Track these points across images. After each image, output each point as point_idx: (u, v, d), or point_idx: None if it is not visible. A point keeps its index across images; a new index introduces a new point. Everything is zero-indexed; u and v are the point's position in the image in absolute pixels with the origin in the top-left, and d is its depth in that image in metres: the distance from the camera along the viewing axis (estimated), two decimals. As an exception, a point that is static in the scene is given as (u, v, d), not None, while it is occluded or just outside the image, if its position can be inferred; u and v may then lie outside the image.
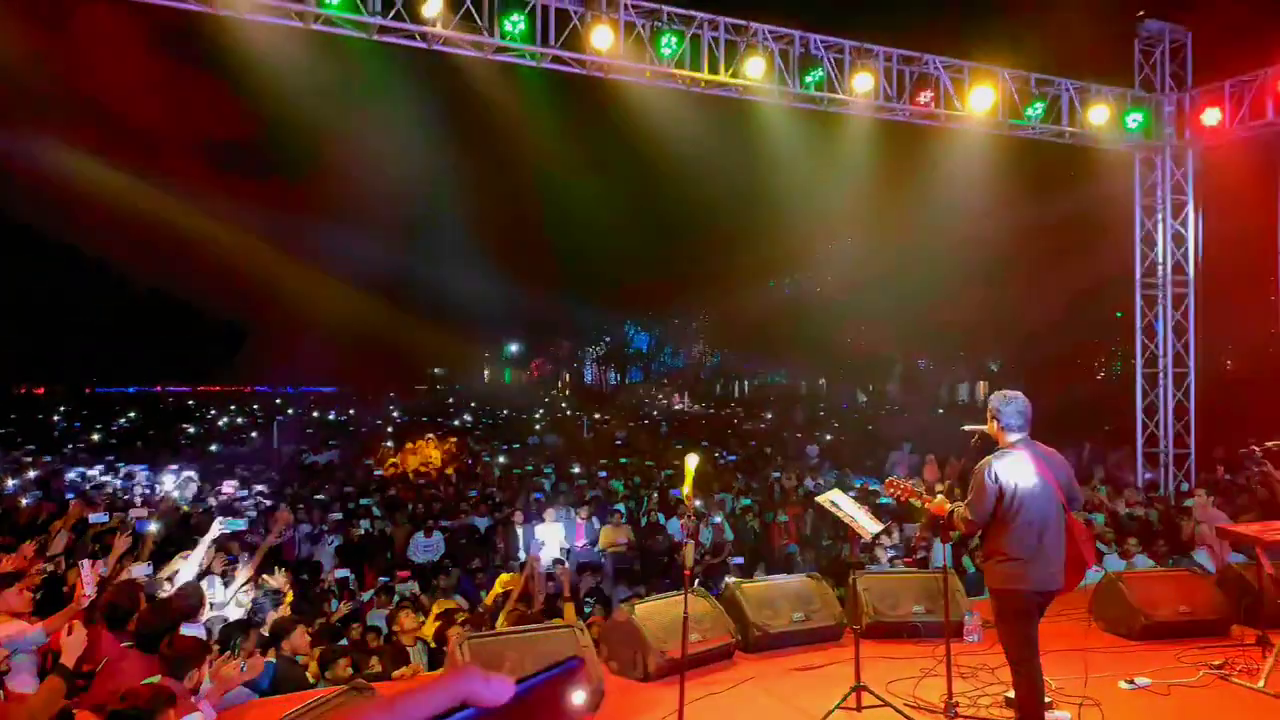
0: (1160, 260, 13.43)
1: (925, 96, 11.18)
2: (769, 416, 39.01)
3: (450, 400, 52.77)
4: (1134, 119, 12.29)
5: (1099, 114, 12.08)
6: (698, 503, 14.17)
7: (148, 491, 15.94)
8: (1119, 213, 14.18)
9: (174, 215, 36.04)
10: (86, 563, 5.36)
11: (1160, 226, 13.37)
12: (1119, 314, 20.62)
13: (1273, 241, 12.56)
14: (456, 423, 37.46)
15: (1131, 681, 5.87)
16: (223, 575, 8.03)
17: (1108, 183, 14.46)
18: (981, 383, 44.31)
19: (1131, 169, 13.51)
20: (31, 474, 16.84)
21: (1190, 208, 13.27)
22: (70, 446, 24.99)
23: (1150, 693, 5.71)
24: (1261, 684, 5.75)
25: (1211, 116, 12.18)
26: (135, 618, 5.12)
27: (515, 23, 9.14)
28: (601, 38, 9.33)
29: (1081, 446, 18.65)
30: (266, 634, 6.98)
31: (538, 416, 40.50)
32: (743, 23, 10.36)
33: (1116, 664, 6.16)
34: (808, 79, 10.54)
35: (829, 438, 28.24)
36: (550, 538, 12.49)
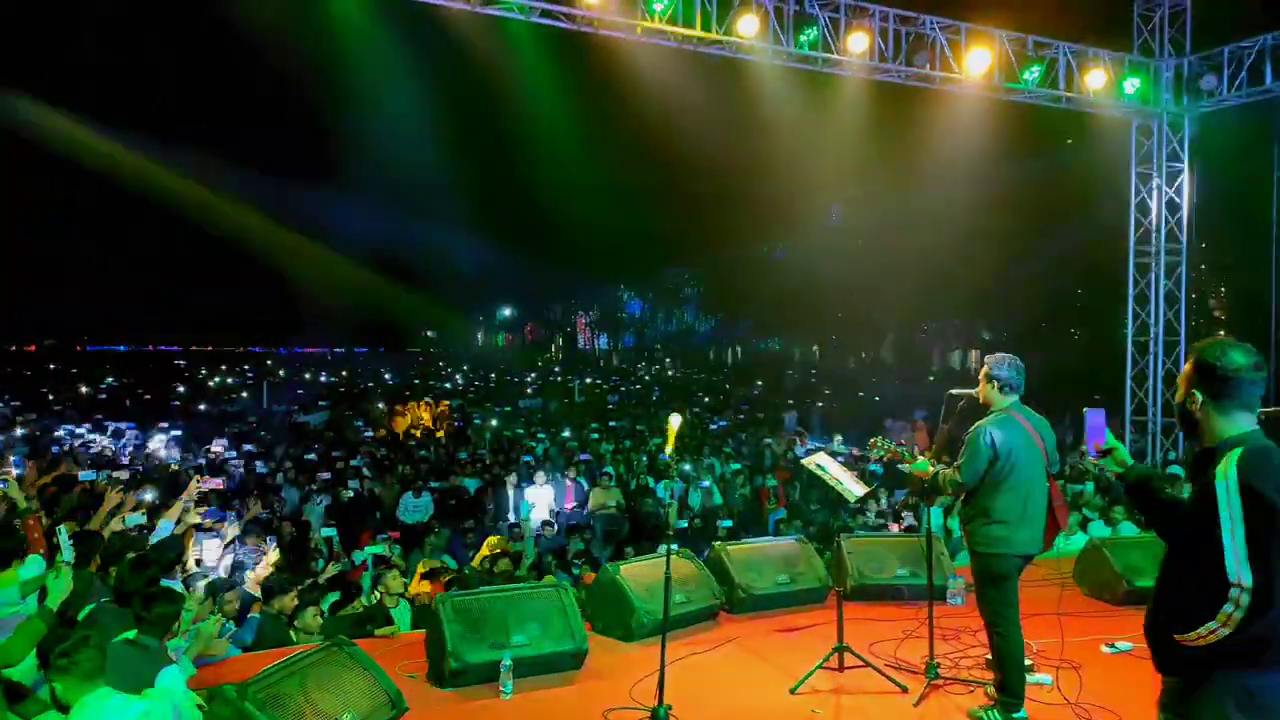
0: (1154, 228, 13.36)
1: (921, 58, 11.01)
2: (759, 383, 39.07)
3: (442, 363, 52.71)
4: (1131, 84, 12.15)
5: (1096, 78, 11.93)
6: (686, 466, 14.23)
7: (135, 450, 15.88)
8: (1114, 179, 14.08)
9: (160, 177, 35.61)
10: (63, 527, 5.32)
11: (1155, 193, 13.29)
12: (1112, 282, 20.57)
13: (1268, 208, 12.50)
14: (449, 385, 37.46)
15: (1113, 645, 5.92)
16: (208, 532, 8.02)
17: (1103, 148, 14.34)
18: (974, 350, 44.42)
19: (1128, 134, 13.40)
20: (18, 432, 16.77)
21: (1185, 175, 13.17)
22: (59, 405, 24.89)
23: (1131, 657, 5.75)
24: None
25: (1209, 82, 12.05)
26: (115, 574, 5.10)
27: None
28: (592, -8, 9.15)
29: (1063, 416, 18.74)
30: (255, 592, 6.99)
31: (529, 380, 40.51)
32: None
33: (1098, 628, 6.20)
34: (802, 38, 10.36)
35: (820, 404, 28.31)
36: (540, 500, 12.53)
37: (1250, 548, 2.50)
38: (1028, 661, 4.84)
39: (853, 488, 5.73)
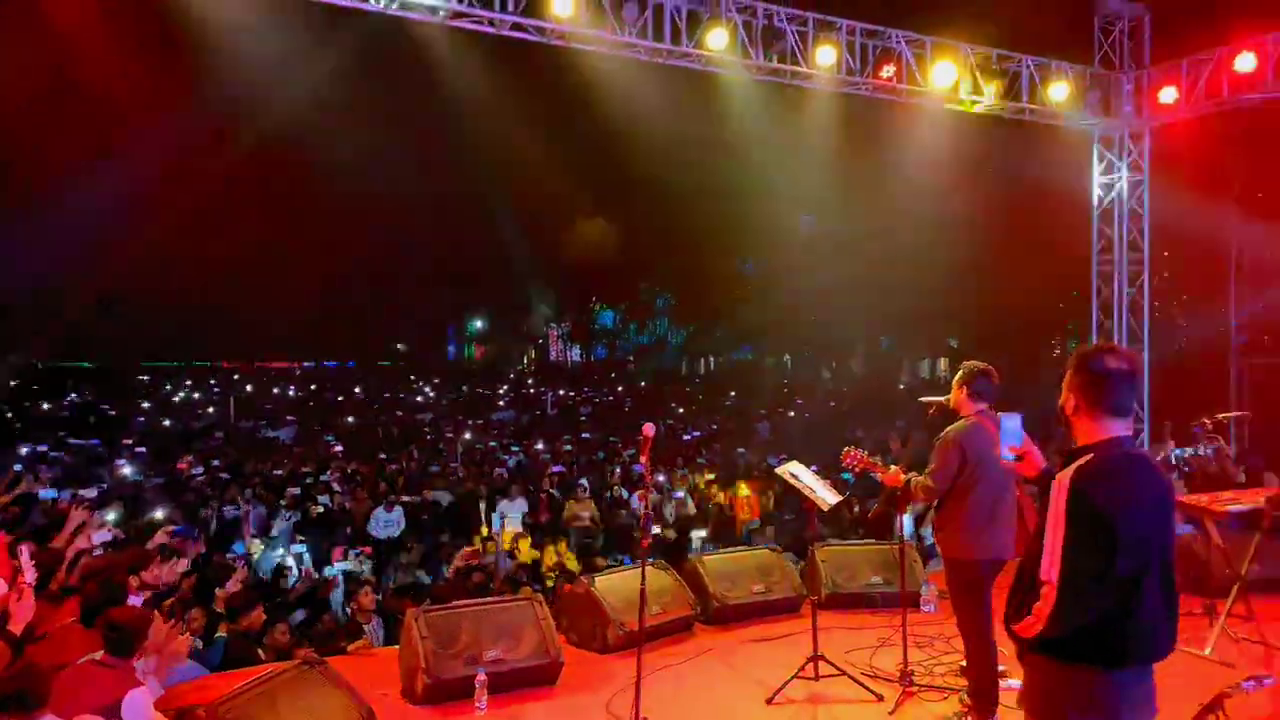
0: (1116, 237, 13.60)
1: (888, 71, 11.14)
2: (732, 394, 39.19)
3: (412, 375, 52.35)
4: (1092, 96, 12.38)
5: (1059, 90, 12.13)
6: (660, 477, 14.23)
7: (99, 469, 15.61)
8: (1076, 190, 14.32)
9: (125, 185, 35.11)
10: (24, 548, 5.21)
11: (1117, 203, 13.53)
12: (1075, 292, 20.91)
13: (1226, 217, 12.76)
14: (419, 398, 37.20)
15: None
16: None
17: (1066, 159, 14.59)
18: (942, 359, 44.88)
19: (1089, 145, 13.64)
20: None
21: (1146, 185, 13.43)
22: (18, 424, 24.39)
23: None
24: (1208, 650, 5.89)
25: (1168, 94, 12.30)
26: (80, 592, 5.00)
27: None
28: (562, 5, 9.15)
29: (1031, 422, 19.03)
30: (220, 610, 6.87)
31: (502, 392, 40.33)
32: (706, -8, 10.22)
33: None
34: (771, 51, 10.45)
35: (791, 414, 28.46)
36: (513, 512, 12.47)
37: (1065, 549, 2.62)
38: (1001, 667, 4.89)
39: (825, 495, 5.76)
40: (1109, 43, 12.91)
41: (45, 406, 29.03)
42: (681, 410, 30.81)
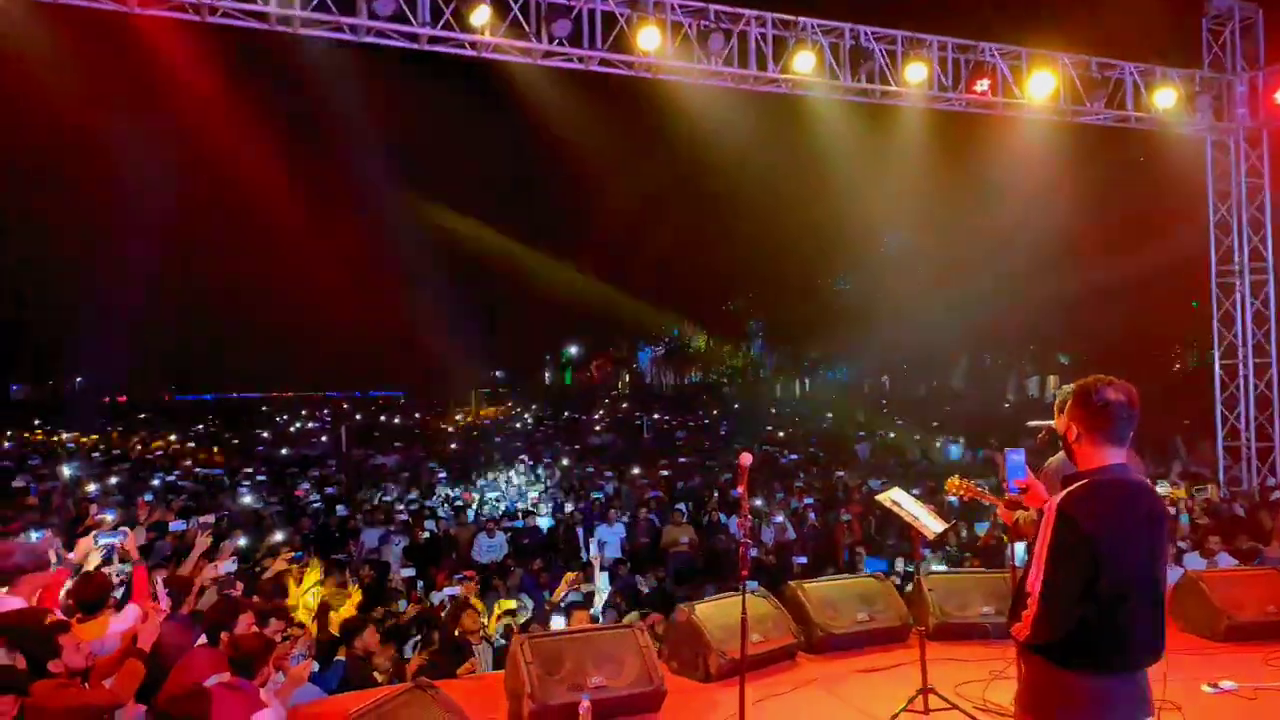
0: (1236, 246, 12.92)
1: (982, 85, 10.94)
2: (829, 415, 38.58)
3: (510, 402, 53.39)
4: (1203, 101, 11.85)
5: (1165, 97, 11.67)
6: (758, 501, 14.12)
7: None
8: (1192, 198, 13.68)
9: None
10: (158, 574, 5.56)
11: (1235, 211, 12.86)
12: (1194, 303, 19.88)
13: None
14: (518, 425, 37.90)
15: (1215, 685, 5.65)
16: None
17: (1179, 167, 13.96)
18: (1052, 376, 43.11)
19: (1203, 152, 13.03)
20: (113, 480, 17.53)
21: (1267, 191, 12.73)
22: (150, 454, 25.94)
23: (1236, 696, 5.49)
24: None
25: (1288, 95, 11.68)
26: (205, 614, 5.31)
27: (562, 27, 9.21)
28: (648, 39, 9.34)
29: (1172, 439, 18.23)
30: (338, 633, 7.16)
31: (598, 418, 40.72)
32: (790, 18, 10.27)
33: (1198, 666, 5.92)
34: (860, 71, 10.40)
35: (892, 435, 27.83)
36: (612, 538, 12.57)
37: (1048, 564, 2.95)
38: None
39: (930, 524, 5.63)
40: (1219, 44, 12.36)
41: (173, 438, 30.76)
42: (781, 434, 30.48)
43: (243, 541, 9.66)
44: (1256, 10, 12.34)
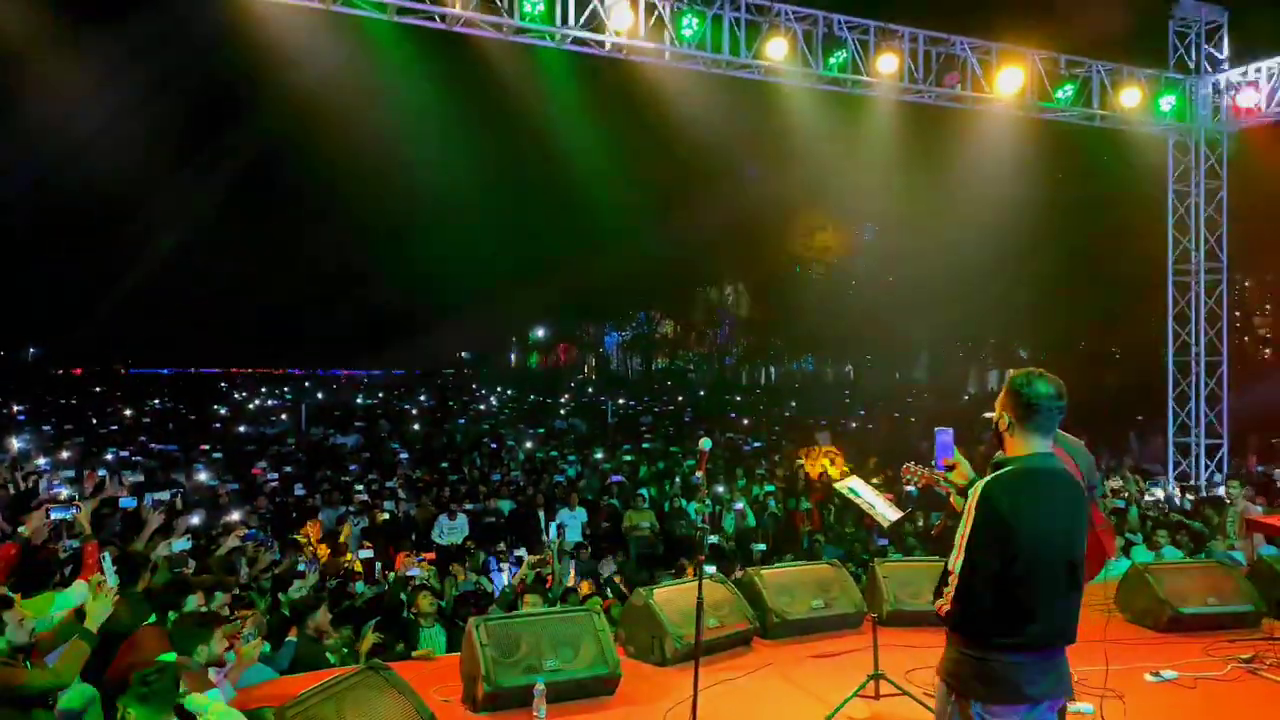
0: (1193, 246, 13.16)
1: (952, 79, 10.99)
2: (794, 404, 38.84)
3: (475, 384, 53.09)
4: (1166, 101, 12.02)
5: (1131, 96, 11.82)
6: (719, 488, 14.18)
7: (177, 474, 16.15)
8: (1151, 197, 13.91)
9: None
10: (104, 553, 5.44)
11: (1193, 211, 13.09)
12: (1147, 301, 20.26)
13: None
14: (481, 406, 37.69)
15: (1157, 674, 5.78)
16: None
17: (1140, 166, 14.18)
18: (1011, 370, 43.69)
19: (1164, 152, 13.24)
20: (64, 454, 17.15)
21: (1225, 192, 12.97)
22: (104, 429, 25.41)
23: (1176, 686, 5.62)
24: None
25: (1248, 98, 11.88)
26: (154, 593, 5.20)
27: (535, 4, 9.09)
28: (621, 18, 9.26)
29: (1126, 435, 18.60)
30: (287, 613, 7.07)
31: (562, 402, 40.61)
32: (765, 3, 10.24)
33: (1142, 656, 6.05)
34: (831, 60, 10.40)
35: (854, 425, 28.09)
36: (573, 522, 12.55)
37: (968, 546, 3.09)
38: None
39: (886, 512, 5.68)
40: (1184, 46, 12.54)
41: (128, 413, 30.15)
42: (745, 421, 30.61)
43: (196, 520, 9.47)
44: (1222, 14, 12.54)
